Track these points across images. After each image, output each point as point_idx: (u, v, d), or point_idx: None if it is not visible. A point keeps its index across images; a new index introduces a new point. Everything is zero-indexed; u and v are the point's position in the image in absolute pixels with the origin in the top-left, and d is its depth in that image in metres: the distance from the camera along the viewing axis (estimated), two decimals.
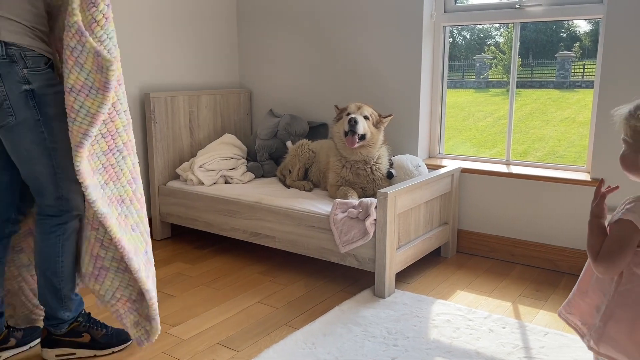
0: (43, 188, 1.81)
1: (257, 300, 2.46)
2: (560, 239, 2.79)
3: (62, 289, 1.91)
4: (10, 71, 1.67)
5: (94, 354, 1.98)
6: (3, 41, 1.65)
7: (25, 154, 1.76)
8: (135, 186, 1.86)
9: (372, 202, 2.43)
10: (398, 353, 1.98)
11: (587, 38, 15.39)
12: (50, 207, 1.83)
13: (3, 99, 1.68)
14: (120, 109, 1.73)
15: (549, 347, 2.02)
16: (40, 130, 1.75)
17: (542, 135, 11.01)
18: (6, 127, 1.72)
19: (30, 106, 1.72)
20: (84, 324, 1.98)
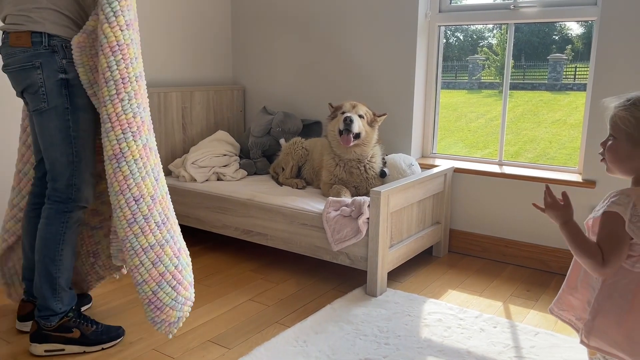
0: (58, 173, 1.88)
1: (249, 297, 2.46)
2: (552, 240, 2.80)
3: (58, 279, 1.92)
4: (50, 60, 1.79)
5: (83, 350, 1.97)
6: (47, 33, 1.77)
7: (49, 139, 1.85)
8: (117, 165, 1.75)
9: (364, 200, 2.43)
10: (389, 352, 1.98)
11: (579, 41, 15.50)
12: (60, 193, 1.89)
13: (39, 85, 1.80)
14: (109, 78, 1.72)
15: (540, 346, 2.03)
16: (66, 119, 1.85)
17: (533, 136, 11.07)
18: (38, 112, 1.84)
19: (63, 94, 1.83)
20: (74, 320, 1.97)
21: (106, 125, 1.74)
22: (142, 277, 1.81)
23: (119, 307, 2.34)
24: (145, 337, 2.08)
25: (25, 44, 1.78)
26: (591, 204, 2.65)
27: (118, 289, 2.52)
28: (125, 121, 1.75)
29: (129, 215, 1.77)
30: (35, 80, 1.81)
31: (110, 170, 1.76)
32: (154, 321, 1.87)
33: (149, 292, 1.82)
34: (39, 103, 1.83)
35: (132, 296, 2.44)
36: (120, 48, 1.73)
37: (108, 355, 1.95)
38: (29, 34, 1.78)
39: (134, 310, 2.30)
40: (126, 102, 1.75)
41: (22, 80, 1.83)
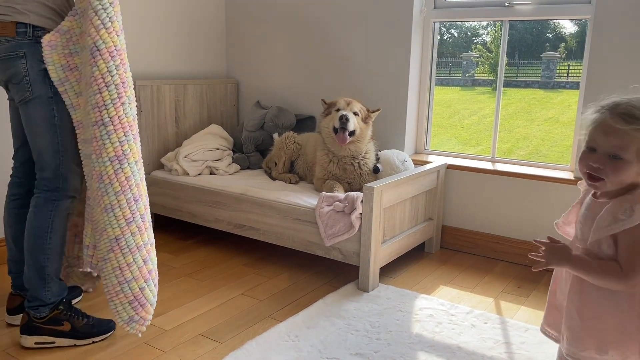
0: (45, 162, 1.90)
1: (241, 292, 2.45)
2: (543, 237, 2.81)
3: (47, 267, 1.92)
4: (34, 50, 1.82)
5: (73, 343, 1.96)
6: (31, 24, 1.81)
7: (35, 129, 1.88)
8: (119, 166, 1.78)
9: (358, 196, 2.43)
10: (381, 347, 1.98)
11: (573, 39, 15.58)
12: (48, 182, 1.91)
13: (24, 75, 1.83)
14: (110, 82, 1.75)
15: (530, 342, 2.05)
16: (50, 108, 1.87)
17: (526, 134, 11.12)
18: (23, 102, 1.86)
19: (47, 83, 1.85)
20: (64, 312, 1.96)
21: (108, 127, 1.76)
22: (133, 274, 1.82)
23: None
24: (137, 331, 2.07)
25: (10, 33, 1.81)
26: None
27: None
28: (127, 124, 1.79)
29: (129, 214, 1.80)
30: (19, 69, 1.83)
31: (110, 171, 1.77)
32: (132, 320, 1.85)
33: (136, 289, 1.83)
34: (23, 92, 1.84)
35: None
36: (118, 53, 1.77)
37: (99, 349, 1.94)
38: (14, 24, 1.81)
39: None
40: (127, 105, 1.79)
41: (7, 70, 1.85)
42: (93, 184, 1.83)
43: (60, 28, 1.83)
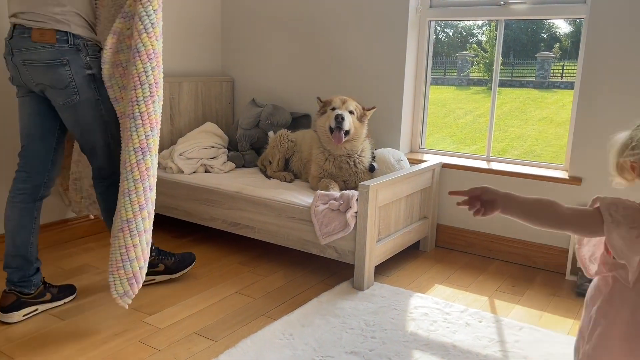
0: (99, 155, 2.15)
1: (236, 290, 2.45)
2: (537, 236, 2.83)
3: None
4: (76, 57, 1.99)
5: (169, 277, 2.43)
6: (72, 33, 1.96)
7: (86, 127, 2.09)
8: (142, 157, 1.95)
9: (353, 194, 2.43)
10: (375, 345, 1.98)
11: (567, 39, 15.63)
12: (104, 170, 2.18)
13: (70, 81, 1.99)
14: (144, 81, 1.93)
15: (524, 341, 2.05)
16: (99, 108, 2.09)
17: (520, 133, 11.15)
18: (70, 104, 2.03)
19: (92, 88, 2.05)
20: (156, 257, 2.39)
21: (137, 121, 1.93)
22: (136, 255, 1.98)
23: (104, 298, 2.32)
24: (131, 329, 2.07)
25: (50, 40, 1.94)
26: (577, 200, 2.68)
27: (101, 281, 2.50)
28: (154, 120, 1.97)
29: (142, 201, 1.97)
30: (64, 76, 1.98)
31: (133, 160, 1.94)
32: (125, 294, 1.99)
33: (136, 269, 1.98)
34: (69, 96, 2.02)
35: None
36: (155, 55, 1.96)
37: (93, 347, 1.93)
38: (53, 31, 1.94)
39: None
40: (156, 103, 1.98)
41: (50, 77, 1.98)
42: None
43: (115, 30, 2.00)
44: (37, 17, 1.93)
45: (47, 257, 2.76)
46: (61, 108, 2.06)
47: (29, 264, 2.13)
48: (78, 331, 2.04)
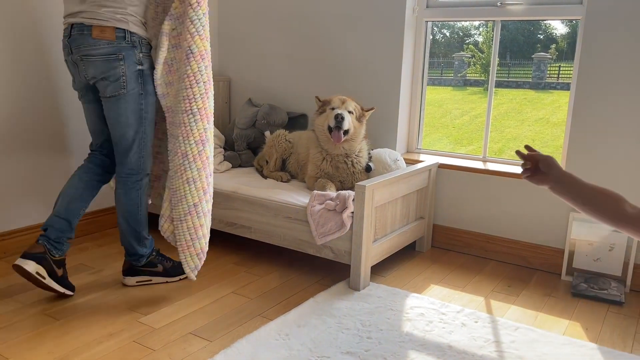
0: (129, 149, 2.25)
1: (232, 290, 2.44)
2: (534, 236, 2.83)
3: (141, 232, 2.38)
4: (131, 53, 2.15)
5: (166, 280, 2.47)
6: (129, 30, 2.12)
7: (124, 120, 2.20)
8: (202, 148, 2.18)
9: (349, 194, 2.43)
10: (371, 345, 1.98)
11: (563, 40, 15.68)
12: (132, 165, 2.27)
13: (122, 74, 2.14)
14: (199, 79, 2.12)
15: (519, 341, 2.06)
16: (140, 102, 2.21)
17: (517, 134, 11.18)
18: (117, 96, 2.17)
19: (139, 82, 2.19)
20: (157, 257, 2.46)
21: (195, 116, 2.13)
22: (203, 233, 2.26)
23: (99, 298, 2.31)
24: (126, 329, 2.06)
25: (110, 37, 2.10)
26: None
27: (96, 281, 2.49)
28: (210, 114, 2.19)
29: (205, 186, 2.22)
30: (118, 70, 2.13)
31: (195, 151, 2.16)
32: (195, 268, 2.29)
33: (203, 245, 2.28)
34: (118, 89, 2.15)
35: (111, 288, 2.41)
36: (208, 55, 2.14)
37: (88, 347, 1.93)
38: (113, 29, 2.10)
39: (113, 302, 2.28)
40: (211, 99, 2.18)
41: (105, 70, 2.13)
42: (176, 160, 2.19)
43: (164, 30, 2.16)
44: (98, 16, 2.10)
45: None
46: (108, 100, 2.20)
47: (70, 231, 2.32)
48: (73, 331, 2.03)
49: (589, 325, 2.24)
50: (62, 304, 2.25)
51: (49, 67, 2.81)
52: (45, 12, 2.75)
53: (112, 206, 3.23)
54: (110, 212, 3.22)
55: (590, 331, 2.19)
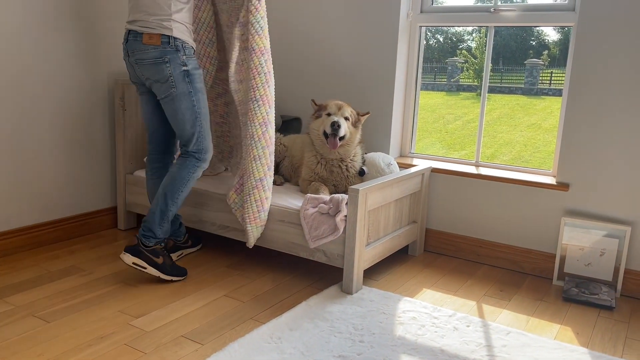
0: (189, 141, 2.49)
1: (224, 293, 2.44)
2: (525, 241, 2.85)
3: (170, 211, 2.49)
4: (176, 57, 2.39)
5: (158, 275, 2.49)
6: (173, 36, 2.37)
7: (181, 117, 2.45)
8: (265, 129, 2.49)
9: (343, 198, 2.43)
10: (363, 349, 1.98)
11: (556, 47, 15.80)
12: (191, 153, 2.51)
13: (169, 75, 2.39)
14: (260, 71, 2.43)
15: (511, 345, 2.06)
16: (192, 99, 2.45)
17: (509, 139, 11.24)
18: (170, 97, 2.42)
19: (186, 82, 2.42)
20: (163, 249, 2.52)
21: (258, 102, 2.45)
22: (267, 206, 2.57)
23: (90, 300, 2.29)
24: (118, 332, 2.05)
25: (156, 42, 2.36)
26: (565, 206, 2.70)
27: (87, 283, 2.47)
28: (271, 100, 2.50)
29: (270, 162, 2.54)
30: (165, 72, 2.38)
31: (259, 132, 2.47)
32: (257, 238, 2.60)
33: (265, 218, 2.57)
34: (169, 90, 2.41)
35: (102, 291, 2.40)
36: (267, 51, 2.45)
37: (79, 350, 1.91)
38: (159, 35, 2.36)
39: (105, 304, 2.26)
40: (271, 88, 2.50)
41: (155, 73, 2.39)
42: (246, 142, 2.50)
43: (235, 35, 2.47)
44: (147, 24, 2.36)
45: (33, 258, 2.73)
46: (163, 101, 2.45)
47: (177, 220, 2.76)
48: (63, 334, 2.02)
49: (580, 329, 2.26)
50: (53, 306, 2.23)
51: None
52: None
53: (104, 208, 3.21)
54: (103, 214, 3.20)
55: (581, 336, 2.20)
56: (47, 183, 2.90)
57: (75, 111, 2.99)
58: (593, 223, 2.61)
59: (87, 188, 3.12)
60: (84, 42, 2.97)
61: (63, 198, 3.00)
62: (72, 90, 2.96)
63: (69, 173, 3.01)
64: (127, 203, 3.20)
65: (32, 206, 2.86)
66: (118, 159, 3.16)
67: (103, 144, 3.17)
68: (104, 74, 3.11)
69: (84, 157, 3.07)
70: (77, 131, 3.02)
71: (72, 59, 2.93)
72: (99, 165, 3.17)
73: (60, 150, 2.95)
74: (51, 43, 2.82)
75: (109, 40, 3.10)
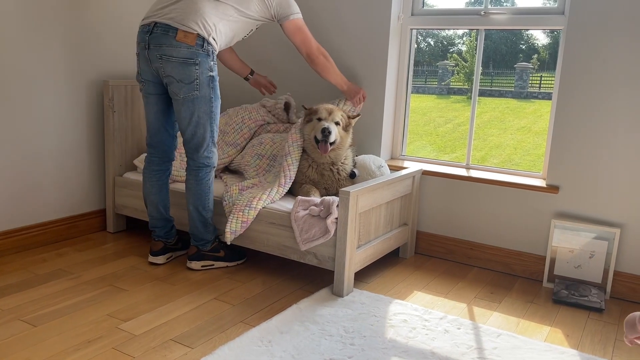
0: (200, 145, 2.52)
1: (214, 296, 2.42)
2: (516, 243, 2.86)
3: (209, 218, 2.64)
4: (205, 60, 2.41)
5: (226, 264, 2.74)
6: (207, 40, 2.40)
7: (197, 120, 2.47)
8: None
9: (334, 200, 2.43)
10: (354, 352, 1.97)
11: (545, 51, 15.94)
12: (203, 159, 2.55)
13: (195, 78, 2.39)
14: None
15: (501, 348, 2.06)
16: (211, 104, 2.47)
17: (499, 142, 11.30)
18: (190, 98, 2.42)
19: (210, 87, 2.45)
20: (220, 243, 2.72)
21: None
22: (256, 206, 2.58)
23: (78, 304, 2.27)
24: (106, 336, 2.02)
25: (191, 42, 2.35)
26: (554, 208, 2.71)
27: (76, 286, 2.45)
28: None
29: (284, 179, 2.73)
30: (193, 73, 2.38)
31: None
32: (234, 232, 2.60)
33: (251, 216, 2.58)
34: (191, 91, 2.41)
35: (90, 294, 2.37)
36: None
37: (66, 354, 1.88)
38: (195, 35, 2.36)
39: (93, 308, 2.24)
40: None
41: (181, 72, 2.38)
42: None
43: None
44: (185, 22, 2.36)
45: (20, 262, 2.70)
46: (180, 101, 2.44)
47: (170, 222, 2.78)
48: (50, 338, 1.99)
49: (570, 331, 2.26)
50: (40, 309, 2.20)
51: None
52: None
53: (93, 210, 3.18)
54: (91, 217, 3.17)
55: (571, 338, 2.21)
56: (34, 185, 2.87)
57: (63, 112, 2.96)
58: (583, 225, 2.62)
59: (75, 190, 3.09)
60: (72, 43, 2.95)
61: (51, 200, 2.97)
62: (61, 91, 2.93)
63: (56, 175, 2.98)
64: (116, 205, 3.17)
65: (19, 208, 2.82)
66: (107, 161, 3.14)
67: (92, 146, 3.14)
68: (93, 75, 3.08)
69: (72, 159, 3.04)
70: (66, 132, 2.99)
71: (61, 60, 2.90)
72: (88, 167, 3.14)
73: (48, 151, 2.92)
74: (39, 43, 2.79)
75: (97, 41, 3.07)
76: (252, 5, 2.52)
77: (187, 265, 2.68)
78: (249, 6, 2.51)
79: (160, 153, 2.67)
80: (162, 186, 2.70)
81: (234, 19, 2.48)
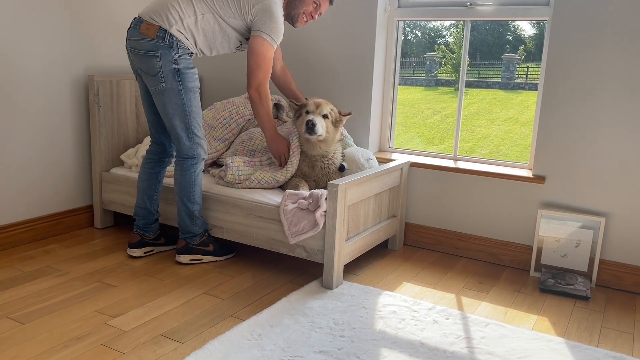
0: (179, 137, 2.52)
1: (203, 291, 2.41)
2: (503, 233, 2.88)
3: (194, 211, 2.62)
4: (167, 53, 2.39)
5: (215, 259, 2.73)
6: (170, 32, 2.39)
7: (170, 112, 2.47)
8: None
9: (322, 193, 2.43)
10: (344, 344, 1.98)
11: (531, 41, 16.02)
12: (185, 151, 2.54)
13: (159, 70, 2.40)
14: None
15: (489, 337, 2.09)
16: (181, 97, 2.46)
17: (487, 133, 11.36)
18: (158, 91, 2.44)
19: (176, 80, 2.43)
20: (209, 238, 2.71)
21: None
22: (243, 169, 2.73)
23: (66, 301, 2.25)
24: (94, 332, 2.01)
25: (152, 35, 2.37)
26: (541, 199, 2.74)
27: (64, 283, 2.43)
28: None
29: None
30: (155, 65, 2.40)
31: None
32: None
33: (236, 172, 2.70)
34: (157, 83, 2.43)
35: (78, 291, 2.36)
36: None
37: (54, 352, 1.87)
38: (157, 28, 2.37)
39: (81, 305, 2.22)
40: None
41: (144, 63, 2.42)
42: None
43: None
44: (151, 14, 2.39)
45: (7, 259, 2.67)
46: (152, 93, 2.48)
47: (152, 215, 2.75)
48: (38, 335, 1.98)
49: (557, 320, 2.29)
50: (27, 307, 2.19)
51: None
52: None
53: (80, 206, 3.16)
54: (78, 213, 3.15)
55: (558, 326, 2.24)
56: (20, 181, 2.84)
57: (48, 108, 2.93)
58: (568, 215, 2.65)
59: (62, 186, 3.06)
60: (56, 38, 2.91)
61: (37, 196, 2.94)
62: (46, 86, 2.89)
63: (43, 171, 2.95)
64: (103, 201, 3.14)
65: (5, 205, 2.79)
66: (94, 156, 3.11)
67: (77, 142, 3.11)
68: (79, 69, 3.04)
69: (58, 155, 3.01)
70: (51, 128, 2.96)
71: (47, 55, 2.87)
72: (74, 163, 3.11)
73: (33, 148, 2.88)
74: (25, 38, 2.75)
75: (82, 36, 3.03)
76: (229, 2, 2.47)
77: (176, 259, 2.68)
78: (223, 4, 2.46)
79: (158, 144, 2.69)
80: (152, 175, 2.69)
81: (208, 15, 2.45)
